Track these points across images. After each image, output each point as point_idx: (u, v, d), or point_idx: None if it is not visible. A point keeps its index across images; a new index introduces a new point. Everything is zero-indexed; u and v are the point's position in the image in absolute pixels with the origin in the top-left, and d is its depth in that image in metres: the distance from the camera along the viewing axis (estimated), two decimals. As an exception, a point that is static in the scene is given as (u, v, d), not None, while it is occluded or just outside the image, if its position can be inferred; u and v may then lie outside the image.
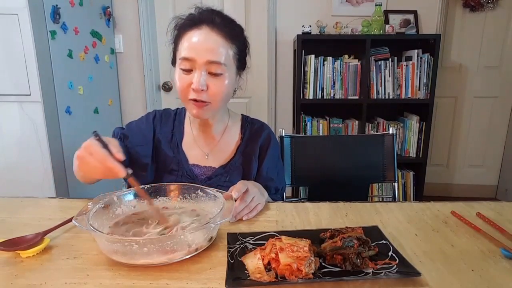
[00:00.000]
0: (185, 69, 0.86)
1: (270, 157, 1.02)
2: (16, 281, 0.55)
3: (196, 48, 0.84)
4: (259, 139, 1.02)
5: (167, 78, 2.73)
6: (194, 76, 0.84)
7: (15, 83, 1.74)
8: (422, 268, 0.55)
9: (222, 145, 1.01)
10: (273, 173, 1.03)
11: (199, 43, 0.84)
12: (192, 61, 0.84)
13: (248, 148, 1.01)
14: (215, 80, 0.86)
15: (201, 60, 0.83)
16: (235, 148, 1.01)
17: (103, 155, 0.66)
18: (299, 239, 0.59)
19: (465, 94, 2.79)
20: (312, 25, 2.42)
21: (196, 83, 0.83)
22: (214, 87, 0.86)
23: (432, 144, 2.70)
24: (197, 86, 0.83)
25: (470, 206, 0.84)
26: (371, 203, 0.88)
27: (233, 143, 1.02)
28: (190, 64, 0.85)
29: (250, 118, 1.08)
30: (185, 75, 0.86)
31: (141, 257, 0.57)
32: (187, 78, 0.86)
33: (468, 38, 2.68)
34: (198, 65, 0.84)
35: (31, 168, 1.84)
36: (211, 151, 1.00)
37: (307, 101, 2.46)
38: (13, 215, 0.81)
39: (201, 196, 0.77)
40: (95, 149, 0.66)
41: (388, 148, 1.35)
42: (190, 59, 0.84)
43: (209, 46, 0.84)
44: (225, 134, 1.02)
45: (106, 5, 2.43)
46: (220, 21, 0.87)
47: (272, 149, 1.04)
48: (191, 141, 1.01)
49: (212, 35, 0.85)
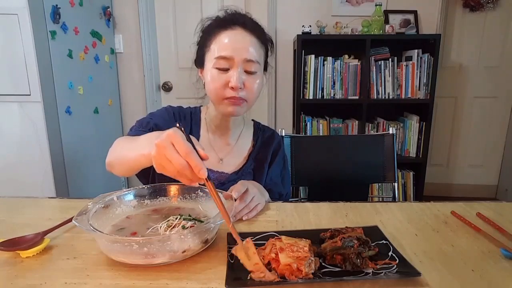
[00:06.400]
0: (221, 68, 0.86)
1: (277, 163, 1.04)
2: (16, 281, 0.55)
3: (233, 47, 0.86)
4: (271, 146, 1.05)
5: (167, 78, 2.73)
6: (232, 75, 0.85)
7: (15, 83, 1.74)
8: (422, 268, 0.55)
9: (236, 151, 1.02)
10: (278, 178, 1.04)
11: (236, 42, 0.87)
12: (229, 60, 0.86)
13: (260, 154, 1.03)
14: (251, 78, 0.88)
15: (239, 58, 0.85)
16: (247, 155, 1.03)
17: (187, 148, 0.54)
18: (299, 239, 0.59)
19: (465, 94, 2.79)
20: (312, 25, 2.43)
21: (235, 80, 0.85)
22: (250, 85, 0.88)
23: (432, 144, 2.70)
24: (236, 84, 0.85)
25: (470, 206, 0.84)
26: (371, 203, 0.88)
27: (246, 149, 1.04)
28: (227, 63, 0.86)
29: (261, 124, 1.11)
30: (222, 74, 0.87)
31: (141, 257, 0.57)
32: (223, 76, 0.86)
33: (468, 38, 2.68)
34: (236, 64, 0.86)
35: (31, 168, 1.84)
36: (225, 156, 1.00)
37: (307, 101, 2.46)
38: (13, 215, 0.81)
39: (201, 196, 0.77)
40: (179, 140, 0.55)
41: (388, 148, 1.35)
42: (228, 57, 0.85)
43: (246, 45, 0.87)
44: (240, 140, 1.03)
45: (106, 5, 2.43)
46: (251, 23, 0.90)
47: (280, 156, 1.06)
48: (207, 144, 1.00)
49: (247, 35, 0.88)
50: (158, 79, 2.75)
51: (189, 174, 0.55)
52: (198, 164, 0.54)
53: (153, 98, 2.70)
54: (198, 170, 0.55)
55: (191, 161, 0.54)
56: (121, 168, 0.77)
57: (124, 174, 0.79)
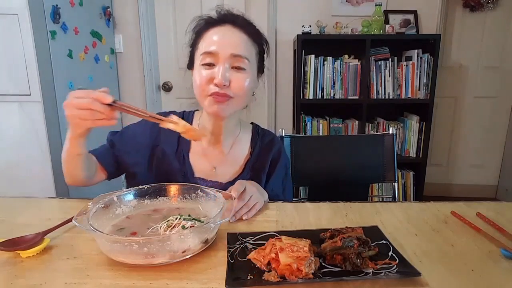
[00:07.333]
0: (206, 64, 0.82)
1: (277, 174, 0.99)
2: (16, 281, 0.55)
3: (219, 42, 0.82)
4: (269, 154, 0.98)
5: (167, 78, 2.73)
6: (217, 70, 0.81)
7: (15, 83, 1.74)
8: (422, 268, 0.55)
9: (231, 159, 0.97)
10: (279, 189, 0.99)
11: (223, 37, 0.83)
12: (215, 55, 0.81)
13: (258, 163, 0.97)
14: (238, 75, 0.83)
15: (225, 53, 0.81)
16: (243, 163, 0.97)
17: (86, 90, 0.64)
18: (299, 239, 0.59)
19: (465, 94, 2.79)
20: (312, 25, 2.43)
21: (219, 77, 0.80)
22: (237, 82, 0.83)
23: (432, 144, 2.69)
24: (220, 80, 0.80)
25: (470, 206, 0.84)
26: (371, 203, 0.88)
27: (242, 157, 0.98)
28: (213, 59, 0.82)
29: (261, 128, 1.04)
30: (207, 70, 0.82)
31: (141, 257, 0.57)
32: (208, 72, 0.82)
33: (468, 38, 2.68)
34: (222, 59, 0.81)
35: (31, 168, 1.83)
36: (219, 165, 0.95)
37: (307, 101, 2.46)
38: (13, 215, 0.81)
39: (201, 196, 0.77)
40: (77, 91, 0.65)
41: (388, 148, 1.35)
42: (214, 52, 0.81)
43: (233, 40, 0.83)
44: (235, 146, 0.97)
45: (106, 5, 2.43)
46: (242, 21, 0.86)
47: (281, 164, 1.00)
48: (199, 151, 0.95)
49: (236, 31, 0.84)
50: (158, 79, 2.75)
51: (99, 107, 0.63)
52: (100, 94, 0.64)
53: (153, 98, 2.70)
54: (102, 97, 0.63)
55: (93, 95, 0.63)
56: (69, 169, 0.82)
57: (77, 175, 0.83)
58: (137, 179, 0.93)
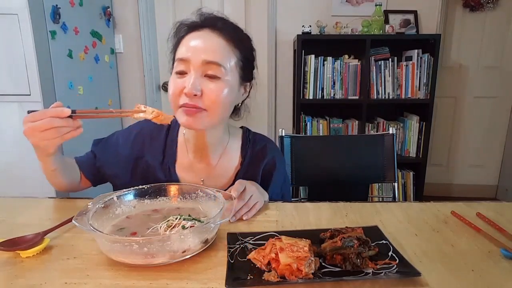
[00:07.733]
0: (178, 71, 0.77)
1: (275, 182, 0.94)
2: (16, 281, 0.55)
3: (193, 48, 0.76)
4: (261, 163, 0.92)
5: (167, 78, 2.72)
6: (187, 79, 0.75)
7: (15, 83, 1.74)
8: (422, 268, 0.55)
9: (220, 170, 0.91)
10: (278, 197, 0.95)
11: (197, 43, 0.76)
12: (187, 62, 0.75)
13: (248, 174, 0.91)
14: (212, 84, 0.75)
15: (196, 60, 0.74)
16: (233, 174, 0.92)
17: (40, 112, 0.65)
18: (299, 239, 0.59)
19: (465, 94, 2.79)
20: (312, 25, 2.43)
21: (188, 85, 0.73)
22: (211, 92, 0.75)
23: (432, 144, 2.70)
24: (189, 89, 0.73)
25: (470, 206, 0.84)
26: (371, 203, 0.88)
27: (232, 168, 0.92)
28: (185, 66, 0.76)
29: (252, 134, 0.97)
30: (179, 78, 0.76)
31: (141, 257, 0.57)
32: (180, 81, 0.76)
33: (468, 38, 2.68)
34: (194, 67, 0.75)
35: (31, 168, 1.82)
36: (207, 177, 0.90)
37: (307, 101, 2.46)
38: (13, 215, 0.81)
39: (201, 196, 0.77)
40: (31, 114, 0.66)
41: (388, 148, 1.35)
42: (185, 59, 0.75)
43: (207, 45, 0.76)
44: (223, 157, 0.91)
45: (106, 5, 2.43)
46: (222, 25, 0.79)
47: (277, 173, 0.94)
48: (186, 163, 0.90)
49: (213, 36, 0.77)
50: (158, 79, 2.75)
51: (62, 122, 0.65)
52: (56, 110, 0.64)
53: (153, 98, 2.70)
54: (60, 112, 0.64)
55: (49, 113, 0.64)
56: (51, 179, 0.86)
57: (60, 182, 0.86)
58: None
